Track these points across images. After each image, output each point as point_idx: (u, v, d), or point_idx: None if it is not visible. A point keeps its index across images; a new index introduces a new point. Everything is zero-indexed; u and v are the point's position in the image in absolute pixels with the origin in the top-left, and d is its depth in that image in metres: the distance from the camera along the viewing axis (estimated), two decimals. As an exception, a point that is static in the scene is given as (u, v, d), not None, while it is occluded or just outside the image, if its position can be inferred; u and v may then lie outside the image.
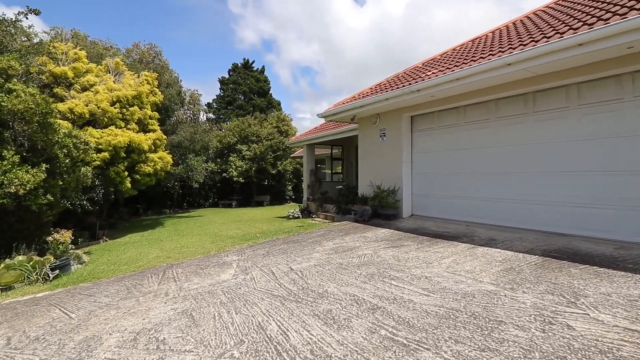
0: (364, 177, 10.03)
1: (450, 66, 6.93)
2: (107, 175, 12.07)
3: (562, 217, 5.96)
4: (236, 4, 71.57)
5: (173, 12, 60.68)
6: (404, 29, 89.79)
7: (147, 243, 10.54)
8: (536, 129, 6.30)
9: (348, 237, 7.22)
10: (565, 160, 5.93)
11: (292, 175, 28.90)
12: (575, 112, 5.82)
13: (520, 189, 6.59)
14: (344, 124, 13.50)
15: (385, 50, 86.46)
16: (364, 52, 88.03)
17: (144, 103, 14.32)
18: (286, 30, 74.56)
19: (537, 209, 6.32)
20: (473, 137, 7.41)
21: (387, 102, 8.09)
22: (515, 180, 6.67)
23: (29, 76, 11.07)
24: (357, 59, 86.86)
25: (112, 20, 52.40)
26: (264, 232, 10.16)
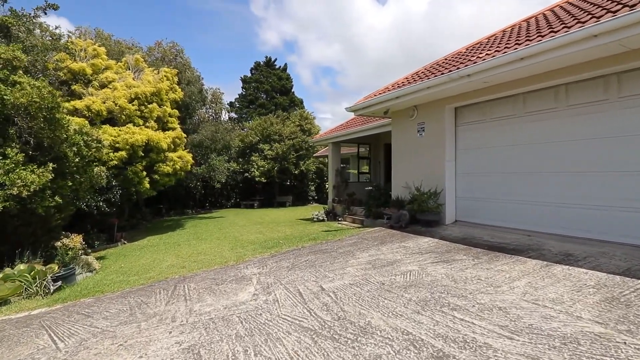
0: (398, 178, 9.00)
1: (510, 45, 5.82)
2: (125, 176, 11.56)
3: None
4: (258, 7, 72.03)
5: (196, 16, 61.31)
6: (427, 27, 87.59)
7: (163, 247, 9.91)
8: (623, 118, 5.10)
9: (385, 248, 6.22)
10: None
11: (315, 175, 28.06)
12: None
13: (599, 192, 5.40)
14: (373, 119, 12.48)
15: (407, 48, 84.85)
16: (385, 51, 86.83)
17: (164, 100, 13.79)
18: (307, 31, 74.37)
19: (622, 217, 5.12)
20: (535, 130, 6.24)
21: (428, 91, 7.04)
22: (592, 181, 5.49)
23: (46, 72, 10.66)
24: (379, 58, 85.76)
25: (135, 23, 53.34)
26: (288, 237, 9.30)
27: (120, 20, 50.80)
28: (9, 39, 9.82)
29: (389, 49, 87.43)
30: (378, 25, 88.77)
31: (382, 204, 9.85)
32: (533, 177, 6.33)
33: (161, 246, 10.32)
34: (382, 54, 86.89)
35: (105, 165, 10.91)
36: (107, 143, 10.97)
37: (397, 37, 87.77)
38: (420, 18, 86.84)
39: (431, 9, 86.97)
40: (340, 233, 8.42)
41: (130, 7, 51.77)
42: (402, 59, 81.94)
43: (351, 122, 14.83)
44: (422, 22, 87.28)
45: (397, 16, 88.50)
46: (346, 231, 8.76)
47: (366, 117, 13.55)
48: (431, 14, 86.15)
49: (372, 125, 11.97)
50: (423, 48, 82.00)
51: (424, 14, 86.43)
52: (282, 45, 73.14)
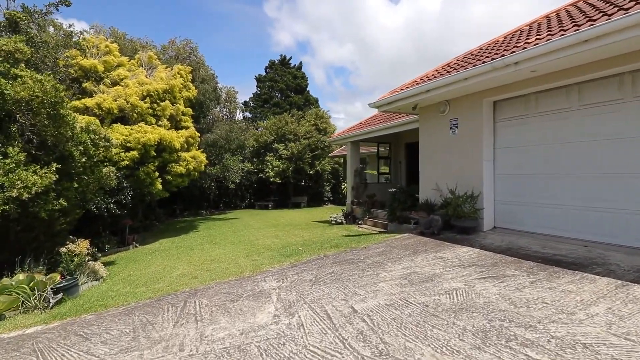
0: (427, 180, 8.26)
1: (566, 28, 5.04)
2: (136, 176, 11.13)
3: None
4: (272, 8, 72.06)
5: (209, 18, 61.41)
6: (440, 26, 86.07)
7: (175, 252, 9.41)
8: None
9: (419, 259, 5.52)
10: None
11: (331, 175, 27.39)
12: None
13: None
14: (394, 117, 11.76)
15: (421, 47, 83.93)
16: (398, 50, 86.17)
17: (177, 98, 13.36)
18: (320, 31, 74.00)
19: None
20: (593, 125, 5.45)
21: (465, 83, 6.30)
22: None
23: (56, 69, 10.31)
24: (392, 57, 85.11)
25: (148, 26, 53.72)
26: (306, 243, 8.67)
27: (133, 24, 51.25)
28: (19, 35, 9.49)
29: (402, 48, 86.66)
30: (391, 24, 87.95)
31: (408, 208, 9.13)
32: (588, 179, 5.53)
33: (173, 250, 9.83)
34: (396, 53, 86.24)
35: (116, 165, 10.50)
36: (118, 142, 10.56)
37: (410, 36, 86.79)
38: (434, 17, 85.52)
39: (445, 8, 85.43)
40: (364, 239, 7.74)
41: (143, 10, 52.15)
42: (415, 58, 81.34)
43: (370, 120, 14.13)
44: (435, 22, 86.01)
45: (410, 15, 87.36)
46: (370, 237, 8.07)
47: (387, 115, 12.83)
48: (445, 13, 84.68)
49: (393, 123, 11.25)
50: (436, 47, 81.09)
51: (437, 13, 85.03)
52: (295, 46, 72.90)
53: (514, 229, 6.61)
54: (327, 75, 74.19)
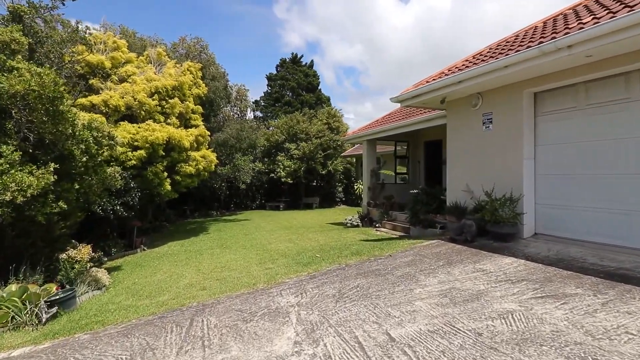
0: (455, 180, 7.57)
1: (630, 4, 4.32)
2: (144, 177, 10.67)
3: None
4: (281, 10, 71.97)
5: (220, 19, 61.38)
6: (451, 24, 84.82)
7: (184, 257, 8.89)
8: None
9: (457, 271, 4.85)
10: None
11: (343, 175, 26.74)
12: None
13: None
14: (415, 113, 11.06)
15: (432, 46, 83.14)
16: (408, 50, 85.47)
17: (186, 95, 12.89)
18: (330, 32, 73.57)
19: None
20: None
21: (504, 72, 5.60)
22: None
23: (61, 64, 9.90)
24: (402, 57, 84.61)
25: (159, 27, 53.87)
26: (323, 248, 8.05)
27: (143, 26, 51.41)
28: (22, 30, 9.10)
29: (412, 48, 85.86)
30: (401, 24, 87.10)
31: (433, 211, 8.45)
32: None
33: (182, 255, 9.32)
34: (405, 53, 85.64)
35: (123, 165, 10.05)
36: (125, 141, 10.12)
37: (420, 36, 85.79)
38: (444, 16, 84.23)
39: (455, 7, 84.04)
40: (387, 246, 7.08)
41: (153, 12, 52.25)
42: (425, 57, 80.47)
43: (387, 117, 13.44)
44: (445, 21, 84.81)
45: (420, 15, 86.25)
46: (393, 243, 7.41)
47: (406, 112, 12.13)
48: (455, 12, 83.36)
49: (415, 120, 10.55)
50: (446, 47, 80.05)
51: (447, 12, 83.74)
52: (305, 47, 72.57)
53: (558, 236, 5.88)
54: (336, 76, 73.74)
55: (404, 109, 13.03)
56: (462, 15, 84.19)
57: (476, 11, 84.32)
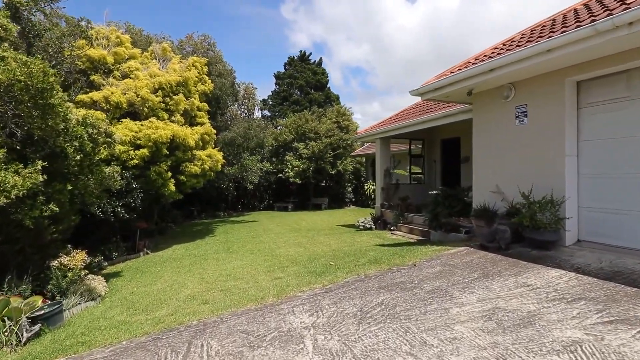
0: (482, 180, 6.88)
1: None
2: (147, 177, 10.16)
3: None
4: (288, 10, 71.78)
5: (227, 20, 61.19)
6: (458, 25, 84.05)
7: (188, 263, 8.33)
8: None
9: (496, 285, 4.18)
10: None
11: (352, 175, 26.06)
12: None
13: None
14: (434, 108, 10.37)
15: (438, 46, 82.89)
16: (415, 50, 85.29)
17: (191, 92, 12.36)
18: (336, 32, 73.09)
19: None
20: None
21: (546, 57, 4.91)
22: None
23: (59, 58, 9.44)
24: (409, 57, 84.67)
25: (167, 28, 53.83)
26: (336, 254, 7.42)
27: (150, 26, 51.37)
28: (18, 22, 8.65)
29: (419, 47, 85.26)
30: (408, 24, 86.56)
31: (456, 213, 7.77)
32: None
33: (185, 260, 8.78)
34: (412, 53, 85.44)
35: (125, 164, 9.55)
36: (127, 139, 9.62)
37: (427, 35, 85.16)
38: (451, 16, 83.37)
39: (462, 6, 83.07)
40: (407, 252, 6.42)
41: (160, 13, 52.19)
42: (432, 57, 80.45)
43: (402, 114, 12.76)
44: (452, 20, 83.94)
45: (427, 14, 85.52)
46: (413, 249, 6.74)
47: (424, 107, 11.45)
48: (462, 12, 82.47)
49: (432, 115, 9.86)
50: (454, 45, 79.42)
51: (454, 12, 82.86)
52: (312, 47, 72.19)
53: (607, 244, 5.17)
54: (343, 76, 73.16)
55: (419, 105, 12.35)
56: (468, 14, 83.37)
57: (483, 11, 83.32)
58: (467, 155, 11.72)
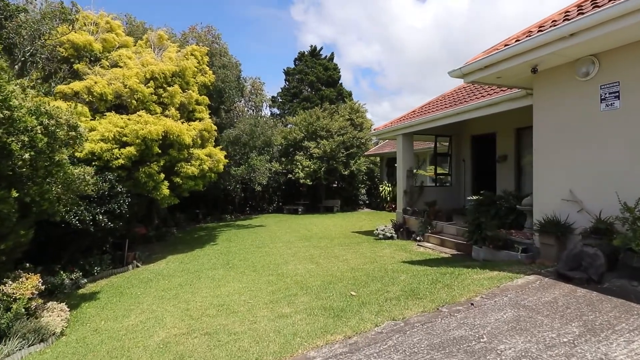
0: (550, 184, 5.32)
1: None
2: (135, 179, 8.85)
3: None
4: (298, 12, 71.37)
5: (236, 22, 60.44)
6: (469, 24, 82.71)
7: (176, 284, 6.95)
8: None
9: (618, 351, 2.66)
10: None
11: (366, 176, 24.49)
12: None
13: None
14: (471, 96, 8.82)
15: (449, 47, 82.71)
16: (425, 50, 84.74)
17: (190, 84, 11.04)
18: (346, 33, 72.39)
19: None
20: None
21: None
22: None
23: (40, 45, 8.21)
24: (419, 58, 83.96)
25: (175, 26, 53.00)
26: (357, 276, 5.95)
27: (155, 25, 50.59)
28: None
29: (429, 48, 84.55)
30: (418, 24, 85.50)
31: (509, 225, 6.23)
32: None
33: (176, 278, 7.42)
34: (422, 53, 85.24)
35: (108, 164, 8.25)
36: (111, 135, 8.31)
37: (437, 35, 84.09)
38: (461, 16, 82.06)
39: (473, 6, 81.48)
40: (453, 278, 4.89)
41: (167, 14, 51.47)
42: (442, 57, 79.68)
43: (427, 107, 11.18)
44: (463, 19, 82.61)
45: (437, 14, 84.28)
46: (457, 272, 5.19)
47: (454, 97, 9.89)
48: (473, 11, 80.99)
49: (470, 106, 8.29)
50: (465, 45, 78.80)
51: (465, 11, 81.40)
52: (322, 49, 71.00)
53: None
54: (354, 77, 71.85)
55: (447, 97, 10.78)
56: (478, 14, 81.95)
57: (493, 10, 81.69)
58: (504, 153, 10.13)
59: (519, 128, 9.77)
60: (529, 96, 6.50)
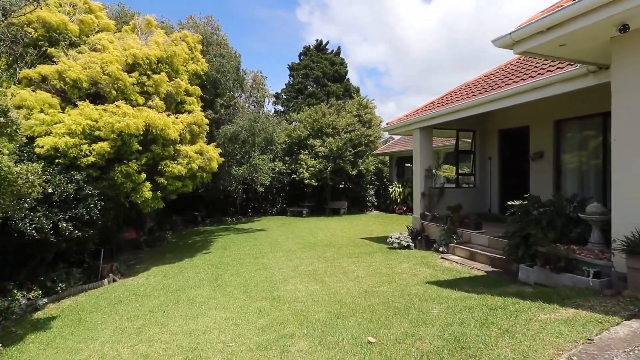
0: (637, 186, 3.93)
1: None
2: (110, 179, 7.60)
3: None
4: (304, 13, 70.52)
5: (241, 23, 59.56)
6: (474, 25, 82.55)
7: (147, 309, 5.64)
8: None
9: None
10: None
11: (375, 176, 23.10)
12: None
13: None
14: (508, 80, 7.40)
15: (455, 47, 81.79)
16: (431, 51, 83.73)
17: (179, 72, 9.78)
18: (351, 33, 71.54)
19: None
20: None
21: None
22: None
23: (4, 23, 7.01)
24: (424, 58, 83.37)
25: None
26: (372, 303, 4.61)
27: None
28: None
29: (434, 48, 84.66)
30: (423, 24, 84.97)
31: (573, 240, 4.85)
32: None
33: (150, 300, 6.13)
34: (427, 54, 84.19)
35: (74, 163, 7.00)
36: (79, 129, 7.07)
37: (442, 36, 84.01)
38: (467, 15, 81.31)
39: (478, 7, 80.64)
40: (507, 318, 3.52)
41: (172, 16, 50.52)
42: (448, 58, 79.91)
43: (447, 98, 9.75)
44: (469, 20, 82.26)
45: (442, 15, 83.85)
46: (513, 305, 3.81)
47: (484, 84, 8.47)
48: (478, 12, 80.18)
49: (504, 92, 6.87)
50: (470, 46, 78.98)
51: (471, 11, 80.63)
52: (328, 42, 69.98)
53: None
54: (359, 77, 70.77)
55: (472, 85, 9.35)
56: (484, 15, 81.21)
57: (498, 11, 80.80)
58: (540, 149, 8.71)
59: (559, 120, 8.35)
60: (595, 74, 5.11)
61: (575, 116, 7.97)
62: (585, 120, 7.82)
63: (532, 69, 6.91)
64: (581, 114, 7.81)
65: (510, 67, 8.55)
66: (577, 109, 7.86)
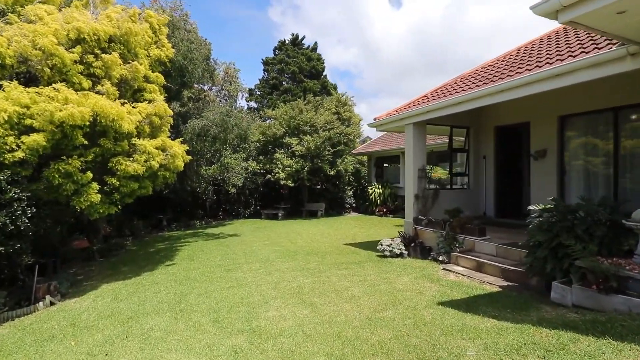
0: None
1: None
2: (46, 180, 6.14)
3: None
4: (276, 13, 70.04)
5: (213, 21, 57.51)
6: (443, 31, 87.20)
7: (85, 351, 4.35)
8: None
9: None
10: None
11: (353, 177, 22.29)
12: None
13: None
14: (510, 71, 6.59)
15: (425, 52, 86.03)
16: (402, 55, 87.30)
17: (138, 56, 8.37)
18: (324, 35, 71.84)
19: None
20: None
21: None
22: None
23: None
24: (396, 62, 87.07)
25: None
26: (386, 345, 3.57)
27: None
28: None
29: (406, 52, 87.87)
30: (394, 29, 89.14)
31: (615, 251, 4.03)
32: None
33: (89, 337, 4.79)
34: (399, 57, 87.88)
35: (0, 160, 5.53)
36: (4, 117, 5.58)
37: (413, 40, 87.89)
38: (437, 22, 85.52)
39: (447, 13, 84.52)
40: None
41: None
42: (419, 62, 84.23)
43: (441, 91, 8.91)
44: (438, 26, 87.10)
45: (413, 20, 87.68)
46: (579, 351, 2.92)
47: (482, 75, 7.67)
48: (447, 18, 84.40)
49: (522, 79, 6.04)
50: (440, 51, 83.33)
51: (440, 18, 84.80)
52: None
53: None
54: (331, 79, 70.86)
55: (470, 75, 8.55)
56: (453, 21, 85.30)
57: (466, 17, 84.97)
58: (542, 147, 8.03)
59: (564, 116, 7.69)
60: (633, 57, 4.34)
61: (583, 111, 7.33)
62: (594, 115, 7.18)
63: (536, 60, 6.14)
64: (589, 109, 7.18)
65: (510, 58, 7.82)
66: (584, 103, 7.23)
